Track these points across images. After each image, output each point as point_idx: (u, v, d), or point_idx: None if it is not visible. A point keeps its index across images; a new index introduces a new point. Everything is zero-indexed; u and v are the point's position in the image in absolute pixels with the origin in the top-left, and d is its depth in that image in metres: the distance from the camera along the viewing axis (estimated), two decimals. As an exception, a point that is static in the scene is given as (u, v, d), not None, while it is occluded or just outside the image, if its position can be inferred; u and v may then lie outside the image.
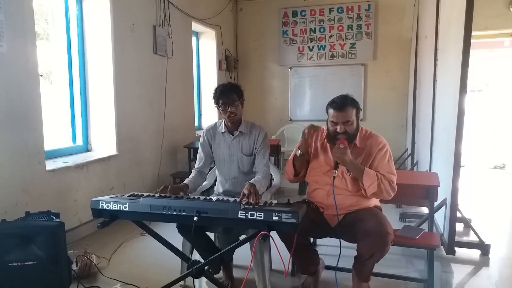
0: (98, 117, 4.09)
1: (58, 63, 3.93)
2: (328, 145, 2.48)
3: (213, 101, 2.64)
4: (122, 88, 4.16)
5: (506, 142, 6.74)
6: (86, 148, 4.11)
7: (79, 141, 4.06)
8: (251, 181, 2.33)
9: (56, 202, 3.29)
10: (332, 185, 2.32)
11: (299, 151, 2.44)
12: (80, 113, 4.04)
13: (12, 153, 2.94)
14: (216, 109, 2.67)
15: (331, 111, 2.39)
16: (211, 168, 2.96)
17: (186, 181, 2.57)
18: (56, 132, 3.86)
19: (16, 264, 2.30)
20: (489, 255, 3.14)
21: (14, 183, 2.95)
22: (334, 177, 2.31)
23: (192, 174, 2.70)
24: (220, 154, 2.72)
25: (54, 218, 2.51)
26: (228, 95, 2.57)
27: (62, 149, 3.82)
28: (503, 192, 5.60)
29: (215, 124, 2.79)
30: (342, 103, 2.35)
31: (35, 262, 2.32)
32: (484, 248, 3.17)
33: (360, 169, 2.31)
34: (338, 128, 2.35)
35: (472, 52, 2.73)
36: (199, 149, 2.78)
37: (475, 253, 3.18)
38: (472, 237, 3.37)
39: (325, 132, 2.53)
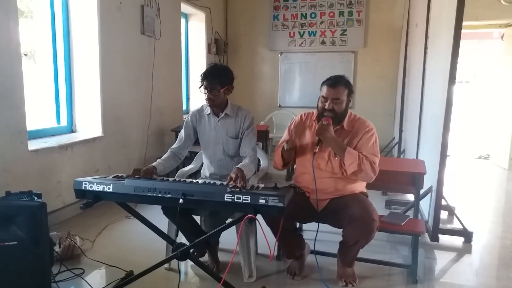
0: (83, 97, 4.00)
1: (42, 42, 3.81)
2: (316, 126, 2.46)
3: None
4: (108, 68, 4.06)
5: (490, 133, 6.83)
6: (71, 129, 4.02)
7: (64, 122, 3.98)
8: (238, 166, 2.31)
9: (39, 183, 3.22)
10: (312, 162, 2.33)
11: (286, 145, 2.41)
12: (64, 93, 3.94)
13: (-7, 131, 2.86)
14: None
15: (323, 87, 2.40)
16: (196, 153, 2.92)
17: (155, 163, 2.47)
18: (40, 112, 3.77)
19: (-4, 244, 2.25)
20: (472, 243, 3.19)
21: (-5, 163, 2.88)
22: (314, 153, 2.32)
23: (165, 155, 2.60)
24: (205, 136, 2.68)
25: (36, 198, 2.45)
26: (210, 80, 2.48)
27: (46, 129, 3.73)
28: (486, 181, 5.68)
29: (202, 106, 2.73)
30: (336, 81, 2.37)
31: (15, 242, 2.27)
32: (467, 236, 3.22)
33: (342, 147, 2.32)
34: (327, 105, 2.35)
35: (461, 43, 2.72)
36: (182, 130, 2.71)
37: (459, 240, 3.23)
38: (456, 225, 3.43)
39: (315, 115, 2.51)
